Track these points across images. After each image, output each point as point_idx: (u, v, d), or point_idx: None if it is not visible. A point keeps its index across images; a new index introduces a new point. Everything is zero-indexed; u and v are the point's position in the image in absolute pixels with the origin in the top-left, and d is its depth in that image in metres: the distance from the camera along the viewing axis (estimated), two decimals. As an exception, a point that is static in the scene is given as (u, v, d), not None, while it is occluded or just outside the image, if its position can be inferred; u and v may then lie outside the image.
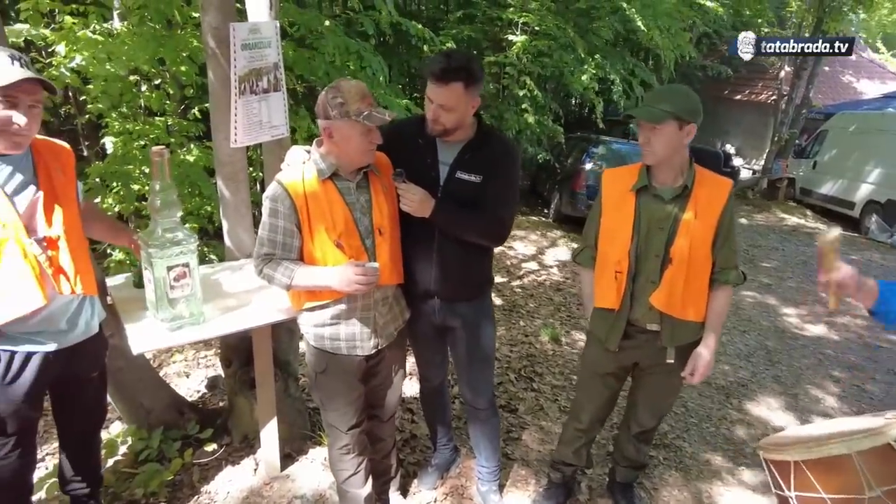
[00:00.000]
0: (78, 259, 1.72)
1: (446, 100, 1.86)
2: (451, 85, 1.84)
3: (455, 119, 1.91)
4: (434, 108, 1.90)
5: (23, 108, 1.54)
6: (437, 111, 1.90)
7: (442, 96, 1.86)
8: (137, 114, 4.09)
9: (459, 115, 1.91)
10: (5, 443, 1.72)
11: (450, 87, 1.84)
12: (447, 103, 1.87)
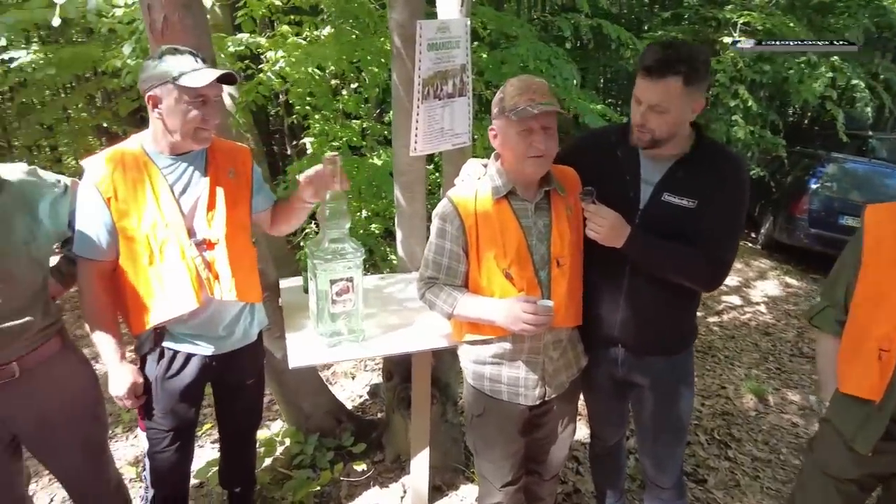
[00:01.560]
0: (238, 265, 1.67)
1: (660, 98, 1.48)
2: (667, 80, 1.46)
3: (668, 125, 1.53)
4: (643, 110, 1.53)
5: (210, 104, 1.54)
6: (647, 115, 1.53)
7: (654, 94, 1.49)
8: (336, 116, 4.29)
9: (674, 120, 1.52)
10: (164, 437, 1.76)
11: (665, 83, 1.47)
12: (661, 103, 1.49)
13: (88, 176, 1.55)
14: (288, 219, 1.88)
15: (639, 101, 1.54)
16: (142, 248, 1.57)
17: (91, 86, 5.44)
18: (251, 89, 3.18)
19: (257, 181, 1.79)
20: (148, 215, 1.56)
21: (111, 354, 1.67)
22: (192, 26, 1.84)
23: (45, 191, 1.58)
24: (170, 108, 1.53)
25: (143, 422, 1.76)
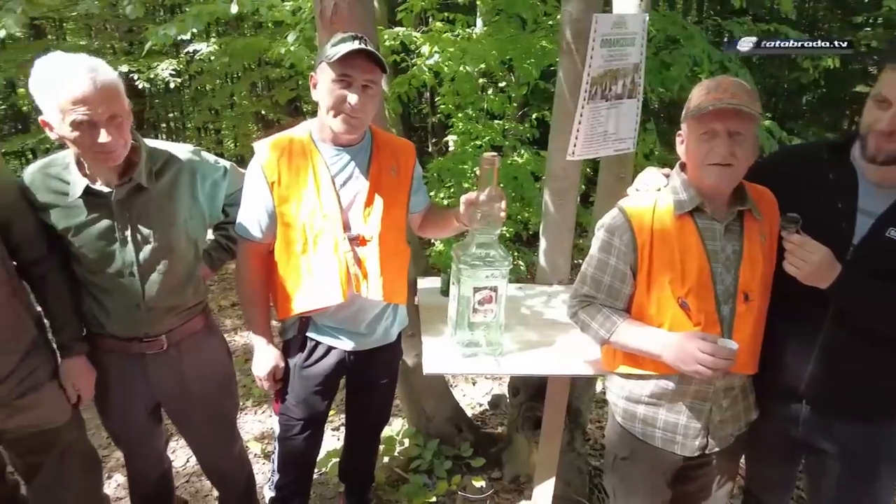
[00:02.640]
0: (387, 265, 1.61)
1: None
2: None
3: None
4: (893, 113, 1.25)
5: (356, 87, 1.46)
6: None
7: None
8: (479, 115, 4.22)
9: None
10: (295, 425, 1.75)
11: None
12: None
13: (257, 158, 1.57)
14: (438, 230, 1.81)
15: (888, 102, 1.25)
16: (297, 236, 1.56)
17: (255, 75, 5.86)
18: (403, 81, 3.18)
19: (417, 181, 1.73)
20: (307, 204, 1.54)
21: (259, 332, 1.70)
22: (360, 15, 1.82)
23: (206, 172, 1.63)
24: (321, 88, 1.51)
25: (278, 406, 1.77)
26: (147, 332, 1.58)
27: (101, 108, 1.32)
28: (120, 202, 1.47)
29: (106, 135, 1.34)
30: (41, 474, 1.57)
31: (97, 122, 1.32)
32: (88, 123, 1.32)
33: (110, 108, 1.34)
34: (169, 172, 1.54)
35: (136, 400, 1.67)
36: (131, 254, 1.50)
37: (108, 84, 1.34)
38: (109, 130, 1.35)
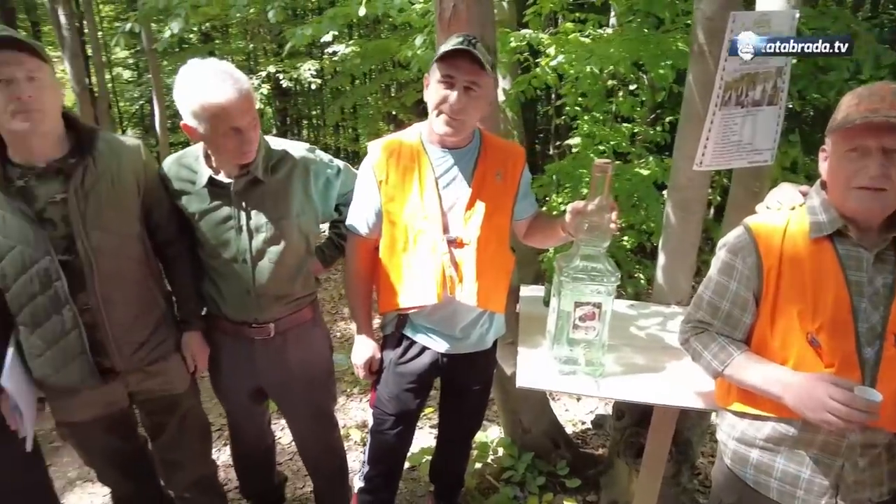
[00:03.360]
0: (484, 271, 1.58)
1: None
2: None
3: None
4: None
5: (458, 87, 1.44)
6: None
7: None
8: (607, 118, 4.04)
9: None
10: (387, 419, 1.78)
11: None
12: None
13: (368, 158, 1.61)
14: (543, 238, 1.74)
15: None
16: (400, 234, 1.59)
17: (386, 76, 6.09)
18: (523, 81, 3.12)
19: (524, 187, 1.68)
20: (410, 204, 1.56)
21: (360, 323, 1.77)
22: (478, 15, 1.80)
23: (320, 170, 1.69)
24: (429, 88, 1.51)
25: (374, 399, 1.81)
26: (256, 317, 1.68)
27: (247, 116, 1.45)
28: (238, 193, 1.58)
29: (249, 139, 1.48)
30: (164, 434, 1.74)
31: (243, 128, 1.45)
32: (235, 130, 1.45)
33: (251, 114, 1.46)
34: (284, 168, 1.63)
35: (242, 381, 1.80)
36: (245, 241, 1.60)
37: (249, 92, 1.45)
38: (249, 134, 1.47)
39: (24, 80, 1.33)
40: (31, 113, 1.34)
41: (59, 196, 1.43)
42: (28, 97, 1.33)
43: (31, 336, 1.50)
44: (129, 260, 1.54)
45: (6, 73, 1.31)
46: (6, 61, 1.31)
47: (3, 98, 1.32)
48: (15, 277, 1.43)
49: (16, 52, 1.32)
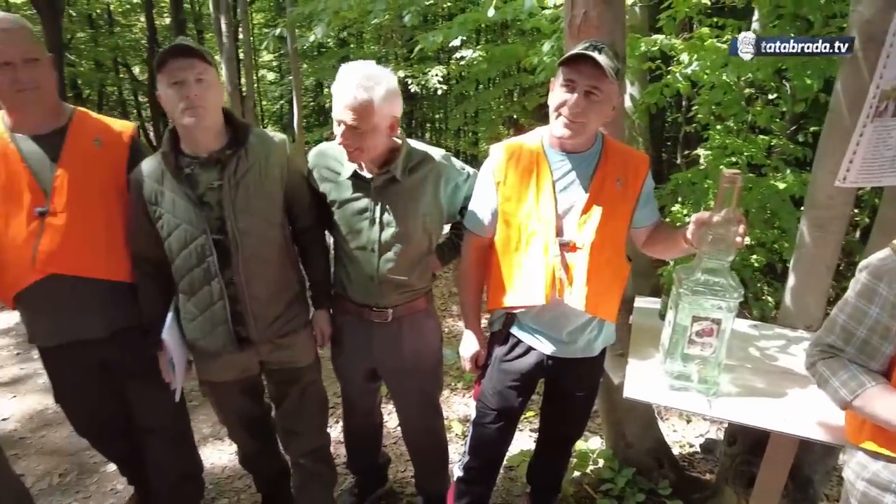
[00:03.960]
0: (596, 276, 1.57)
1: None
2: None
3: None
4: None
5: (579, 91, 1.45)
6: None
7: None
8: (742, 128, 3.81)
9: None
10: (489, 414, 1.82)
11: None
12: None
13: (489, 159, 1.68)
14: (664, 249, 1.69)
15: None
16: (513, 234, 1.63)
17: (510, 81, 6.15)
18: (655, 91, 3.03)
19: (645, 195, 1.66)
20: (526, 205, 1.60)
21: (469, 318, 1.84)
22: (609, 21, 1.80)
23: (451, 176, 1.78)
24: (552, 91, 1.54)
25: (478, 392, 1.87)
26: (377, 302, 1.81)
27: (363, 123, 1.57)
28: (377, 188, 1.71)
29: (359, 145, 1.61)
30: (286, 402, 1.91)
31: (361, 130, 1.58)
32: (351, 128, 1.58)
33: (366, 120, 1.57)
34: (420, 171, 1.74)
35: (359, 359, 1.93)
36: (376, 233, 1.73)
37: (367, 101, 1.55)
38: (360, 140, 1.60)
39: (192, 81, 1.53)
40: (196, 109, 1.54)
41: (216, 183, 1.63)
42: (195, 96, 1.53)
43: (188, 303, 1.72)
44: (270, 243, 1.72)
45: (179, 76, 1.52)
46: (180, 67, 1.52)
47: (176, 97, 1.53)
48: (178, 251, 1.66)
49: (188, 58, 1.52)
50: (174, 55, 1.50)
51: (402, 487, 2.47)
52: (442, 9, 7.53)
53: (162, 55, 1.51)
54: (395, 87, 1.62)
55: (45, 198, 1.63)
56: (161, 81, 1.54)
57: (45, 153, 1.65)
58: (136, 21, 16.12)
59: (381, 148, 1.68)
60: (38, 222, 1.63)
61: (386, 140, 1.68)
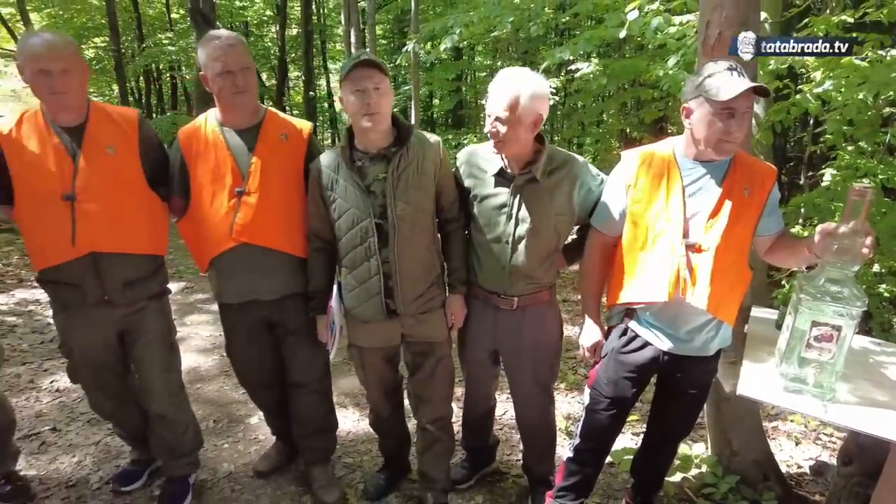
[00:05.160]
0: (719, 278, 1.68)
1: None
2: None
3: None
4: None
5: (738, 116, 1.58)
6: None
7: None
8: (876, 150, 3.66)
9: None
10: (602, 401, 1.97)
11: None
12: None
13: (621, 164, 1.85)
14: (786, 257, 1.78)
15: None
16: (640, 234, 1.78)
17: (627, 94, 6.18)
18: (781, 109, 3.03)
19: (771, 205, 1.75)
20: (655, 207, 1.75)
21: (589, 311, 2.01)
22: (745, 42, 1.89)
23: (587, 181, 1.96)
24: (698, 120, 1.65)
25: (592, 380, 2.02)
26: (505, 290, 2.02)
27: (512, 114, 1.81)
28: (517, 186, 1.93)
29: (502, 138, 1.86)
30: (420, 372, 2.16)
31: (506, 124, 1.83)
32: (499, 120, 1.84)
33: (511, 115, 1.81)
34: (559, 173, 1.94)
35: (482, 341, 2.15)
36: (511, 227, 1.94)
37: (514, 98, 1.80)
38: (504, 134, 1.85)
39: (372, 90, 1.82)
40: (374, 115, 1.84)
41: (381, 175, 1.92)
42: (374, 103, 1.82)
43: (348, 276, 2.02)
44: (421, 229, 1.98)
45: (361, 84, 1.81)
46: (362, 76, 1.81)
47: (358, 103, 1.83)
48: (346, 231, 1.96)
49: (368, 69, 1.81)
50: (359, 66, 1.80)
51: (508, 469, 2.65)
52: (560, 22, 7.69)
53: (348, 66, 1.81)
54: (542, 90, 1.85)
55: (243, 180, 1.99)
56: (345, 88, 1.84)
57: (244, 144, 2.01)
58: (268, 32, 17.61)
59: (523, 143, 1.89)
60: (236, 200, 1.99)
61: (528, 135, 1.88)
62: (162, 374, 2.19)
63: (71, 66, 1.85)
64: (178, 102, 18.41)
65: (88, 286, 1.97)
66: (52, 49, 1.81)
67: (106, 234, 1.94)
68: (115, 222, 1.95)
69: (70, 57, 1.85)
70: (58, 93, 1.83)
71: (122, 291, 2.02)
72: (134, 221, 2.01)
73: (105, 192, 1.93)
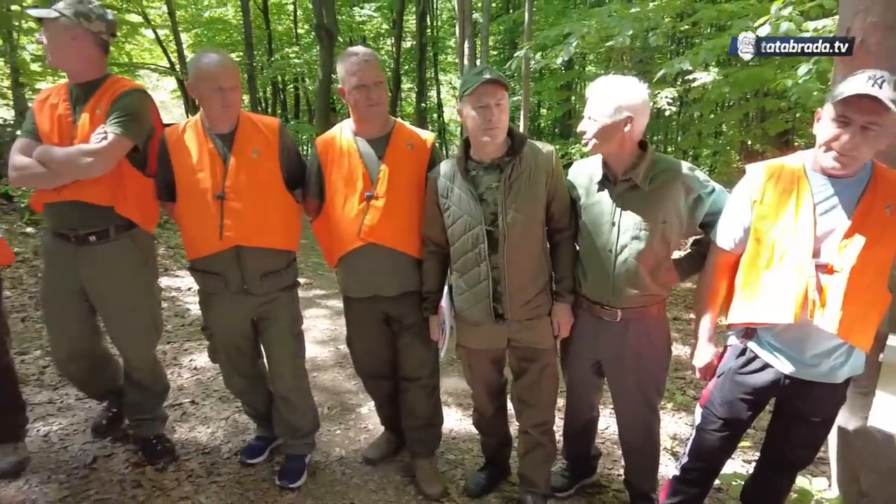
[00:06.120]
0: (854, 301, 1.59)
1: None
2: None
3: None
4: None
5: (853, 127, 1.50)
6: None
7: None
8: None
9: None
10: (715, 422, 1.91)
11: None
12: None
13: (746, 178, 1.80)
14: None
15: None
16: (764, 251, 1.72)
17: (750, 105, 5.86)
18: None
19: None
20: (782, 224, 1.68)
21: (703, 331, 1.96)
22: (887, 49, 1.79)
23: (694, 187, 1.93)
24: (822, 123, 1.60)
25: (705, 399, 1.96)
26: (609, 301, 2.02)
27: (597, 114, 1.92)
28: (618, 194, 1.95)
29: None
30: (525, 376, 2.21)
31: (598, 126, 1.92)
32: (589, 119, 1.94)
33: (598, 115, 1.90)
34: (662, 179, 1.92)
35: (585, 351, 2.16)
36: (614, 236, 1.96)
37: (603, 100, 1.89)
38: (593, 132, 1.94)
39: (493, 106, 1.92)
40: (494, 130, 1.94)
41: (494, 184, 2.00)
42: (495, 119, 1.92)
43: (459, 279, 2.13)
44: (531, 237, 2.04)
45: (484, 101, 1.92)
46: (485, 93, 1.91)
47: (480, 119, 1.93)
48: (459, 237, 2.07)
49: (494, 86, 1.90)
50: (484, 83, 1.89)
51: (609, 482, 2.62)
52: (678, 31, 7.43)
53: (473, 84, 1.90)
54: (634, 93, 1.88)
55: (373, 185, 2.16)
56: (466, 103, 1.95)
57: (374, 152, 2.18)
58: (384, 45, 18.46)
59: (615, 144, 1.92)
60: (366, 203, 2.16)
61: (621, 137, 1.90)
62: (288, 360, 2.41)
63: (237, 83, 2.13)
64: (300, 112, 19.77)
65: (231, 276, 2.22)
66: (225, 69, 2.08)
67: (248, 230, 2.17)
68: (256, 220, 2.18)
69: (237, 75, 2.14)
70: (228, 106, 2.10)
71: (258, 282, 2.24)
72: (272, 219, 2.23)
73: (249, 192, 2.16)
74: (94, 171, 2.08)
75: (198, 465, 2.61)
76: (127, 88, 2.19)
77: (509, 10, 15.28)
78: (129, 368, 2.51)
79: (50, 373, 3.40)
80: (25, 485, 2.37)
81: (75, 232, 2.22)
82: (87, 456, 2.59)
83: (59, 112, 2.16)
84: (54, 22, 2.08)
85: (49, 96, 2.22)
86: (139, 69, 14.67)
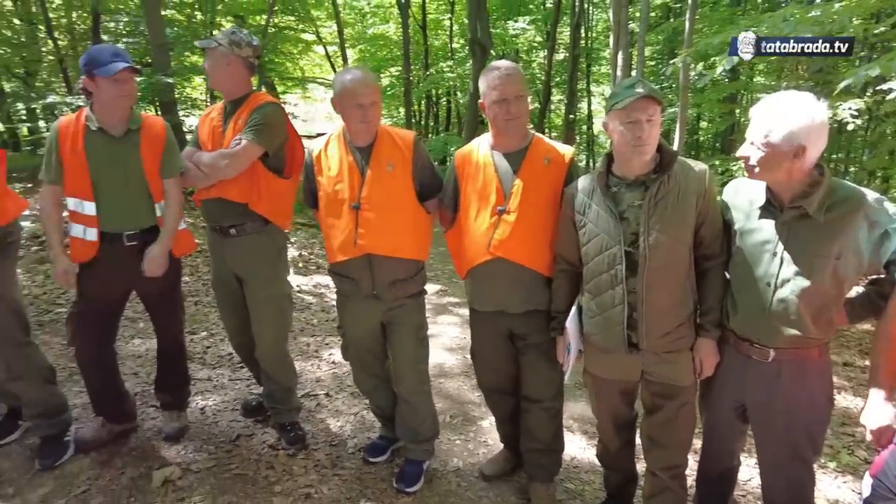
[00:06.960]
0: None
1: None
2: None
3: None
4: None
5: None
6: None
7: None
8: None
9: None
10: (888, 497, 1.59)
11: None
12: None
13: None
14: None
15: None
16: None
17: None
18: None
19: None
20: None
21: (880, 384, 1.68)
22: None
23: (881, 221, 1.65)
24: None
25: (877, 469, 1.66)
26: (760, 338, 1.80)
27: (757, 138, 1.70)
28: (784, 222, 1.72)
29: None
30: (659, 414, 2.04)
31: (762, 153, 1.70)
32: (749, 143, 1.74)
33: (757, 139, 1.70)
34: (841, 209, 1.66)
35: (728, 392, 1.93)
36: (776, 267, 1.73)
37: (768, 124, 1.67)
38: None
39: (644, 121, 1.79)
40: (643, 147, 1.82)
41: (637, 202, 1.87)
42: (646, 135, 1.80)
43: (591, 301, 2.02)
44: (676, 261, 1.88)
45: (635, 116, 1.80)
46: (637, 108, 1.79)
47: (629, 135, 1.81)
48: (593, 256, 1.96)
49: (646, 101, 1.78)
50: (637, 98, 1.78)
51: (750, 542, 2.34)
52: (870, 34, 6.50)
53: (625, 98, 1.79)
54: (811, 121, 1.62)
55: (505, 200, 2.13)
56: (614, 117, 1.85)
57: (510, 166, 2.16)
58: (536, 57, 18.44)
59: (781, 173, 1.69)
60: (497, 217, 2.14)
61: (789, 165, 1.67)
62: (411, 364, 2.46)
63: (378, 99, 2.23)
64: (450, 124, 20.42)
65: (362, 281, 2.32)
66: (365, 86, 2.19)
67: (380, 240, 2.26)
68: (387, 230, 2.26)
69: (377, 92, 2.24)
70: (367, 121, 2.21)
71: (387, 288, 2.32)
72: (403, 230, 2.30)
73: (382, 204, 2.24)
74: (230, 171, 2.39)
75: (325, 455, 2.76)
76: (262, 102, 2.48)
77: (669, 18, 14.48)
78: (259, 357, 2.74)
79: (212, 353, 3.82)
80: (183, 449, 2.68)
81: (220, 224, 2.56)
82: (233, 433, 2.86)
83: (214, 124, 2.53)
84: (214, 50, 2.43)
85: (211, 111, 2.62)
86: (309, 83, 16.11)
